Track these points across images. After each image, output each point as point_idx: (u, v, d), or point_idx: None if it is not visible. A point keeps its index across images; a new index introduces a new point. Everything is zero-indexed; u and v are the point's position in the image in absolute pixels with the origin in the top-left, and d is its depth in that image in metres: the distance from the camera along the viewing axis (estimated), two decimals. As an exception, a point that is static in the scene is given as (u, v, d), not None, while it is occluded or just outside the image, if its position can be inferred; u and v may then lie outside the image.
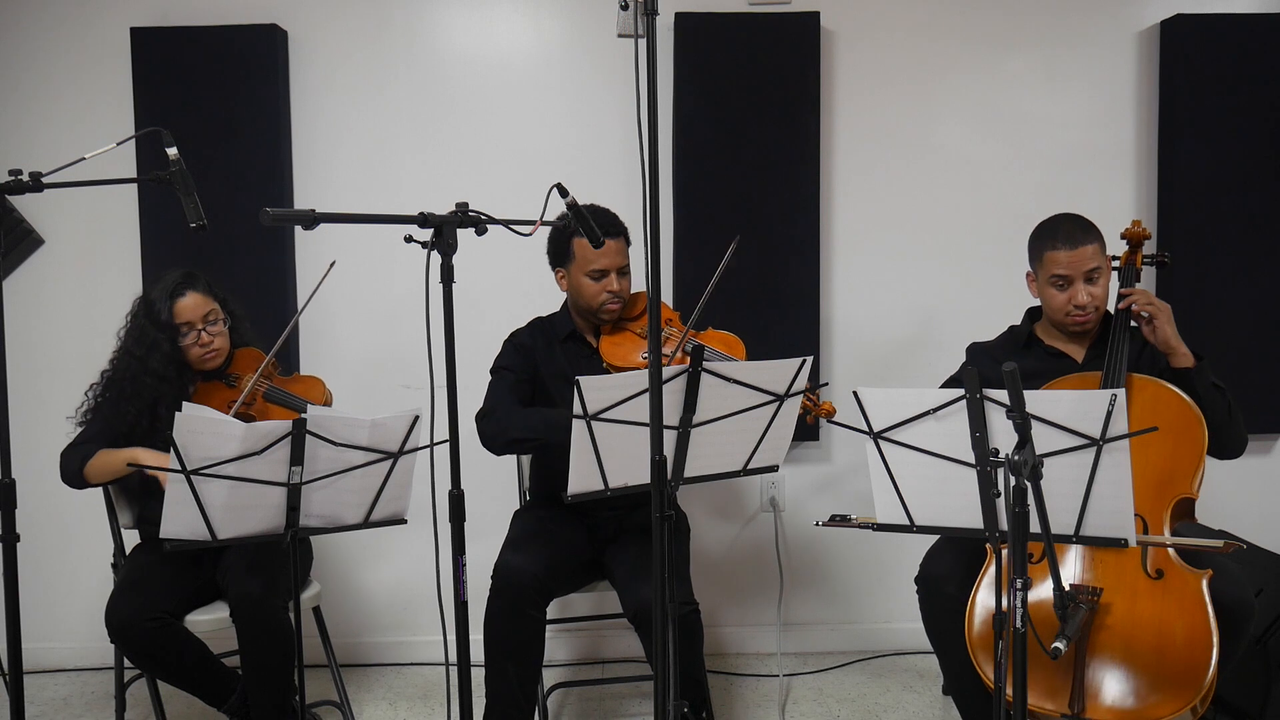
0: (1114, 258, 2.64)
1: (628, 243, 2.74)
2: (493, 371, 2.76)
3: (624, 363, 2.64)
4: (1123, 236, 2.69)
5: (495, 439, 2.61)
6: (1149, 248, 2.74)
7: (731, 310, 3.04)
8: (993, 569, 2.31)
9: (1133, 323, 2.54)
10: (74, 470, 2.59)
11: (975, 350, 2.72)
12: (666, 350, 2.56)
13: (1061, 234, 2.51)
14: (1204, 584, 2.16)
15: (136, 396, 2.61)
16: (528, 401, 2.72)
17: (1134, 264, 2.66)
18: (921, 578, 2.51)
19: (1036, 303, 2.66)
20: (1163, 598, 2.18)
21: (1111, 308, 2.58)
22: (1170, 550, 2.23)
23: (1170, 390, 2.37)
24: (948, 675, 2.55)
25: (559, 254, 2.74)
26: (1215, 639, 2.11)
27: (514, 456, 3.06)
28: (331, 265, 2.71)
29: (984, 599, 2.30)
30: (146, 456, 2.51)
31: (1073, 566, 2.27)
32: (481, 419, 2.64)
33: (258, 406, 2.66)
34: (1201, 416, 2.34)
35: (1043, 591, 2.18)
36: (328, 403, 2.74)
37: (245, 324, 2.80)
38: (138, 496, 2.77)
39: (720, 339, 2.68)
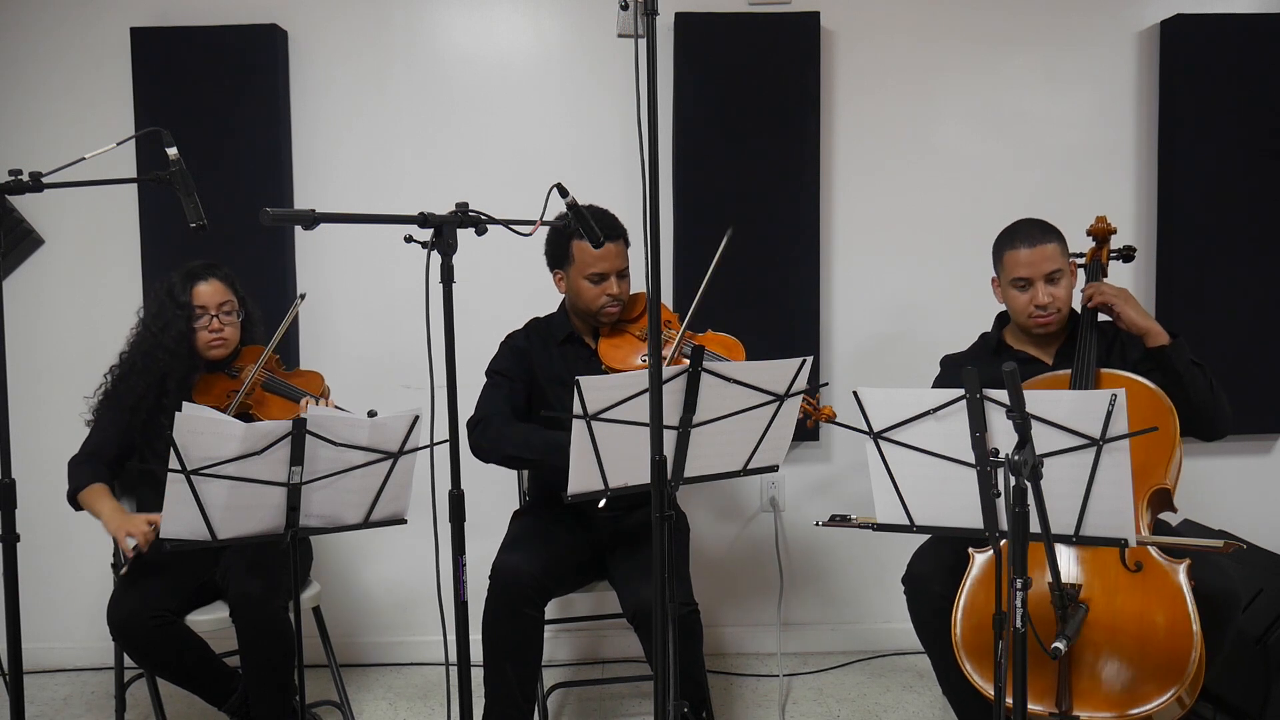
0: (1079, 254, 2.65)
1: (627, 245, 2.74)
2: (487, 374, 2.75)
3: (623, 365, 2.63)
4: (1088, 233, 2.70)
5: (489, 452, 2.59)
6: (1116, 242, 2.74)
7: (731, 310, 3.05)
8: (976, 570, 2.32)
9: (1103, 317, 2.54)
10: (71, 494, 2.62)
11: (949, 361, 2.73)
12: (665, 353, 2.56)
13: (1021, 235, 2.55)
14: (1182, 573, 2.16)
15: (147, 371, 2.65)
16: (522, 409, 2.70)
17: (1100, 259, 2.69)
18: (908, 577, 2.52)
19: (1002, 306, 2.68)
20: (1142, 590, 2.18)
21: (1078, 307, 2.59)
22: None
23: (1139, 383, 2.37)
24: (939, 673, 2.55)
25: (557, 256, 2.73)
26: (1196, 627, 2.11)
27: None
28: (302, 297, 2.81)
29: (967, 603, 2.30)
30: (110, 521, 2.50)
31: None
32: (474, 428, 2.62)
33: (256, 396, 2.68)
34: (1172, 406, 2.34)
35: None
36: (325, 394, 2.75)
37: (259, 327, 2.83)
38: (137, 498, 2.77)
39: (719, 341, 2.68)
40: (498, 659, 2.52)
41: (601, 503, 2.14)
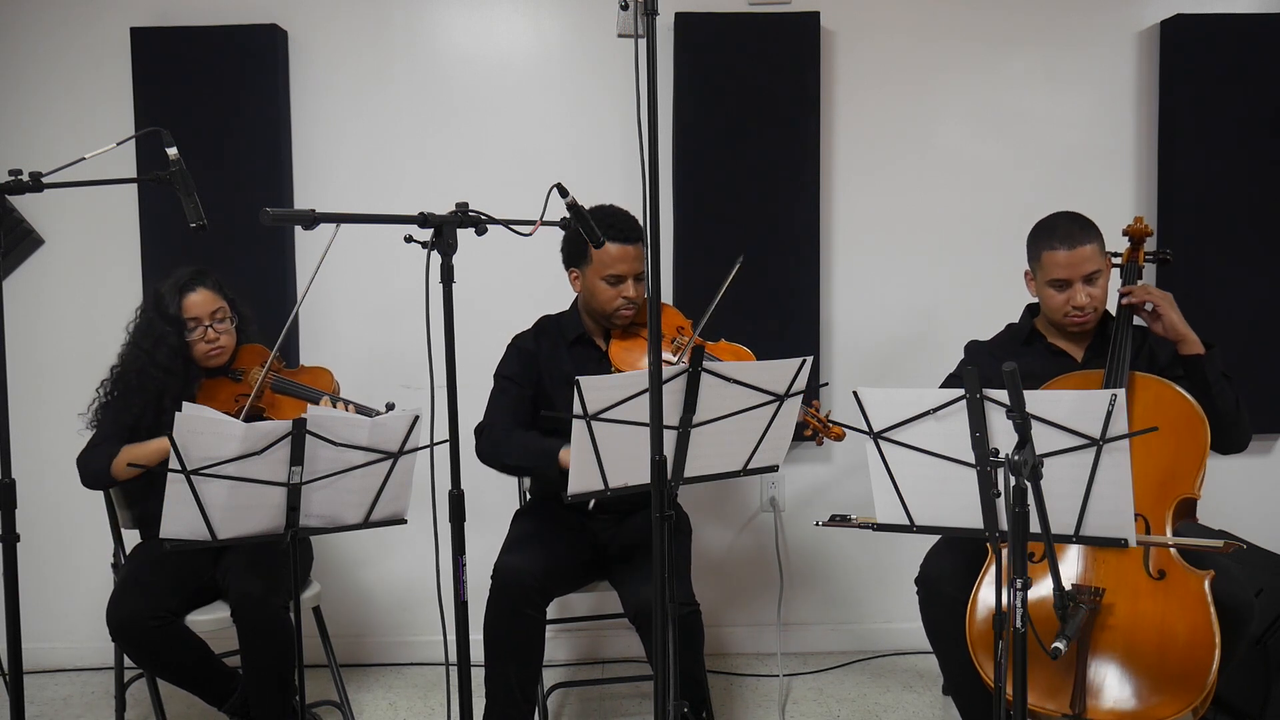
0: (1115, 254, 2.62)
1: (646, 248, 2.71)
2: (495, 379, 2.74)
3: (633, 369, 2.60)
4: (1125, 233, 2.67)
5: (491, 460, 2.64)
6: (1151, 244, 2.72)
7: (731, 310, 3.03)
8: (994, 568, 2.31)
9: (1137, 319, 2.52)
10: (99, 470, 2.59)
11: (974, 349, 2.70)
12: (673, 357, 2.56)
13: (1060, 234, 2.48)
14: (1206, 585, 2.16)
15: (142, 390, 2.62)
16: (529, 416, 2.69)
17: (1136, 261, 2.63)
18: (922, 578, 2.51)
19: (1034, 299, 2.65)
20: (1165, 598, 2.18)
21: (1113, 306, 2.56)
22: (1172, 551, 2.22)
23: (1173, 389, 2.36)
24: (947, 676, 2.55)
25: (574, 254, 2.68)
26: (1217, 640, 2.10)
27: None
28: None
29: (985, 598, 2.30)
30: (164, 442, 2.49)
31: (1074, 566, 2.27)
32: (479, 435, 2.66)
33: (267, 398, 2.66)
34: (1204, 416, 2.32)
35: (1042, 590, 2.18)
36: (336, 391, 2.75)
37: (253, 326, 2.82)
38: (138, 497, 2.77)
39: (730, 351, 2.65)
40: (499, 659, 2.52)
41: (590, 504, 2.13)
